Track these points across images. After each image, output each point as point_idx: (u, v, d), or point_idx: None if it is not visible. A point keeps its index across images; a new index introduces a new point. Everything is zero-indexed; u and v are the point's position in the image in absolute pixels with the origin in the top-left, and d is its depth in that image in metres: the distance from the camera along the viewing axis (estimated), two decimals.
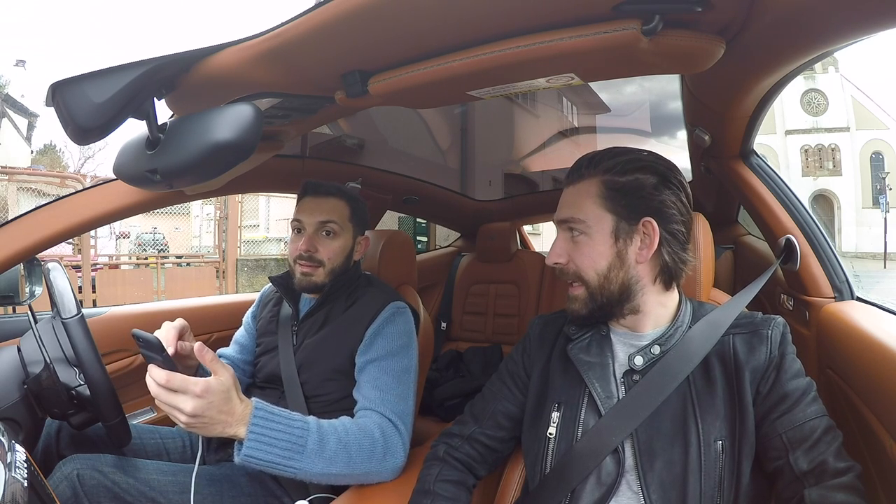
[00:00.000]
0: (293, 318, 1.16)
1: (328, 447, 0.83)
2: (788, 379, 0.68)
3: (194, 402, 0.72)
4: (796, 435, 0.65)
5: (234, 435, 0.77)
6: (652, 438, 0.69)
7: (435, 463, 0.84)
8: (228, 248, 7.07)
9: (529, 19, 0.58)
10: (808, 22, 0.58)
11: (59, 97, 0.63)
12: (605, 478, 0.70)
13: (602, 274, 0.73)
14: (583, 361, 0.76)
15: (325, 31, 0.61)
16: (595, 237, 0.73)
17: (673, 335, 0.74)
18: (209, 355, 0.74)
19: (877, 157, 25.63)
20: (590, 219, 0.73)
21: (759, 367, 0.68)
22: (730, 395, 0.69)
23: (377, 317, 1.07)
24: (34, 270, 1.12)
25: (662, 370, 0.70)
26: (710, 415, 0.68)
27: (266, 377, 1.16)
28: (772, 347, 0.69)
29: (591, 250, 0.73)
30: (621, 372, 0.74)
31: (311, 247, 1.08)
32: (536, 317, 0.91)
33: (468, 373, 2.05)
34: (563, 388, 0.78)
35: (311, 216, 1.11)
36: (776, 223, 1.12)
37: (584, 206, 0.74)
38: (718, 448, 0.67)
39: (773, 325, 0.72)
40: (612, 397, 0.73)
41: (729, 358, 0.71)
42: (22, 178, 6.76)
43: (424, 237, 5.40)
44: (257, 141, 0.66)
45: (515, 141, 2.65)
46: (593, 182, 0.74)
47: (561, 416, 0.76)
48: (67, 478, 0.84)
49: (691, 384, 0.70)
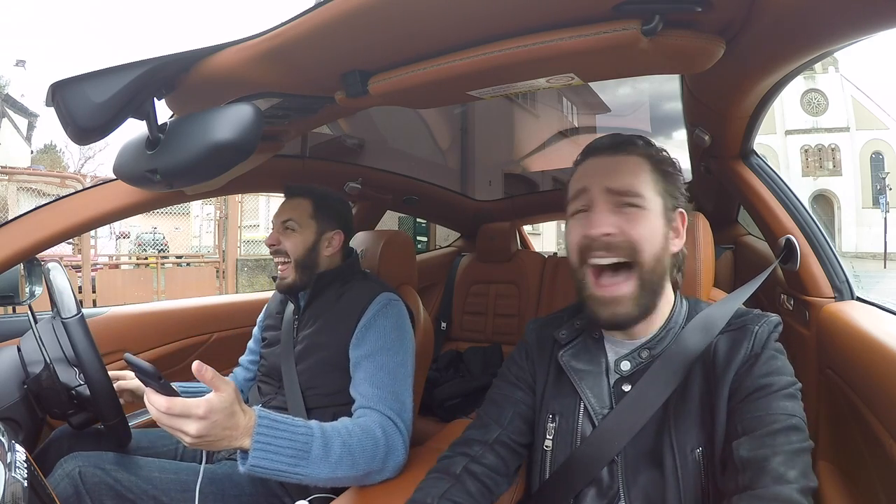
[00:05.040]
0: (295, 311, 1.19)
1: (333, 451, 0.83)
2: (764, 374, 0.61)
3: (198, 425, 0.70)
4: (752, 424, 0.57)
5: (239, 447, 0.76)
6: (637, 453, 0.65)
7: (445, 478, 0.71)
8: (228, 248, 7.07)
9: (529, 19, 0.58)
10: (808, 22, 0.58)
11: (59, 97, 0.63)
12: (605, 490, 0.67)
13: (656, 255, 0.66)
14: (574, 369, 0.72)
15: (325, 31, 0.61)
16: (651, 213, 0.67)
17: (664, 337, 0.69)
18: (209, 373, 0.71)
19: (877, 157, 25.63)
20: (648, 194, 0.68)
21: (739, 361, 0.63)
22: (708, 399, 0.64)
23: (367, 308, 1.07)
24: (34, 270, 1.12)
25: (652, 377, 0.66)
26: (686, 422, 0.64)
27: (267, 370, 1.19)
28: (755, 343, 0.64)
29: (647, 224, 0.66)
30: (613, 380, 0.70)
31: (274, 241, 1.17)
32: (530, 321, 0.86)
33: (468, 373, 2.06)
34: (558, 399, 0.73)
35: (278, 216, 1.20)
36: (776, 223, 1.12)
37: (641, 180, 0.68)
38: (696, 457, 0.62)
39: (763, 321, 0.66)
40: (605, 407, 0.69)
41: (709, 358, 0.65)
42: (22, 178, 6.76)
43: (424, 237, 5.40)
44: (257, 141, 0.66)
45: (515, 141, 2.65)
46: (644, 159, 0.70)
47: (556, 428, 0.72)
48: (69, 475, 0.84)
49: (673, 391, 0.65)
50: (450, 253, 2.59)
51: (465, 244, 2.63)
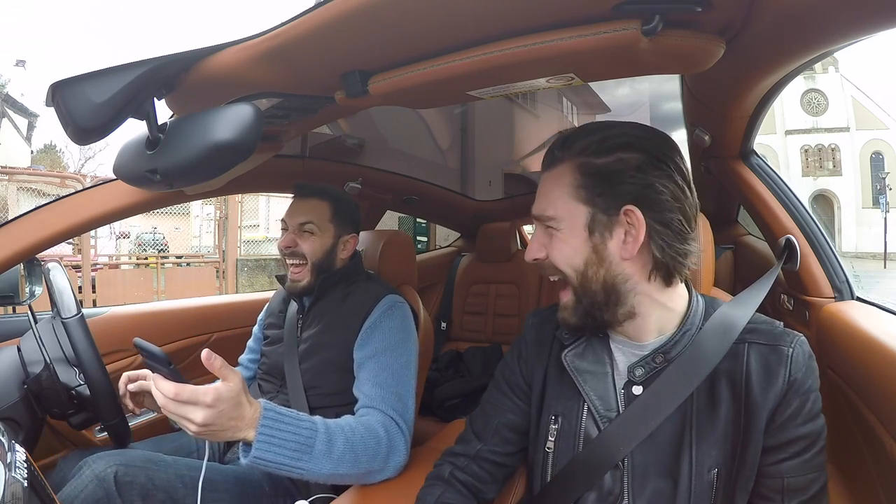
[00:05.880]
0: (299, 311, 1.19)
1: (336, 447, 0.83)
2: (809, 419, 0.60)
3: (205, 413, 0.70)
4: (798, 483, 0.61)
5: (243, 438, 0.76)
6: (647, 461, 0.63)
7: (438, 483, 0.76)
8: (228, 248, 7.07)
9: (529, 19, 0.58)
10: (808, 22, 0.58)
11: (59, 97, 0.63)
12: (606, 494, 0.66)
13: (580, 271, 0.64)
14: (578, 370, 0.70)
15: (325, 31, 0.61)
16: (566, 232, 0.64)
17: (680, 341, 0.65)
18: (217, 362, 0.72)
19: (877, 157, 25.62)
20: (560, 213, 0.64)
21: (778, 393, 0.60)
22: (735, 421, 0.61)
23: (373, 310, 1.08)
24: (34, 270, 1.12)
25: (666, 382, 0.63)
26: (708, 442, 0.62)
27: (269, 368, 1.19)
28: (793, 370, 0.60)
29: (564, 245, 0.65)
30: (622, 383, 0.67)
31: (290, 243, 1.13)
32: (531, 313, 0.83)
33: (468, 373, 2.06)
34: (560, 399, 0.71)
35: (293, 217, 1.16)
36: (776, 223, 1.12)
37: (554, 199, 0.65)
38: (712, 478, 0.61)
39: (795, 343, 0.62)
40: (611, 410, 0.66)
41: (740, 377, 0.62)
42: (22, 178, 6.77)
43: (424, 237, 5.40)
44: (257, 141, 0.66)
45: (515, 141, 2.65)
46: (566, 168, 0.65)
47: (559, 430, 0.70)
48: (98, 476, 0.83)
49: (693, 401, 0.63)
50: (450, 253, 2.59)
51: (465, 244, 2.63)
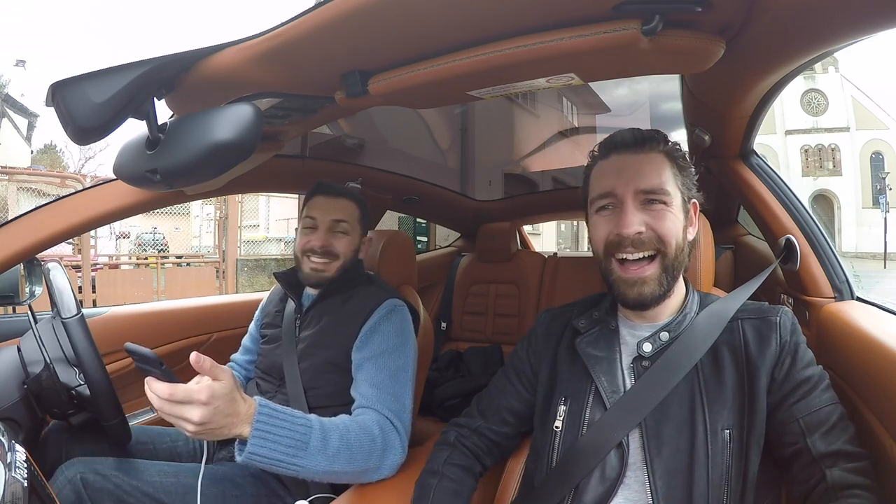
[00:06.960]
0: (297, 311, 1.18)
1: (330, 444, 0.84)
2: (804, 366, 0.69)
3: (201, 411, 0.70)
4: (813, 420, 0.66)
5: (238, 435, 0.76)
6: (660, 425, 0.70)
7: (445, 447, 0.87)
8: (228, 248, 7.07)
9: (529, 19, 0.58)
10: (808, 22, 0.58)
11: (59, 97, 0.63)
12: (609, 472, 0.70)
13: (678, 245, 0.73)
14: (590, 355, 0.78)
15: (325, 31, 0.61)
16: (675, 208, 0.74)
17: (681, 322, 0.75)
18: (207, 363, 0.72)
19: (877, 157, 25.64)
20: (672, 190, 0.74)
21: (773, 354, 0.69)
22: (739, 384, 0.70)
23: (373, 313, 1.08)
24: (34, 270, 1.12)
25: (671, 357, 0.72)
26: (718, 403, 0.69)
27: (267, 367, 1.18)
28: (782, 333, 0.71)
29: (674, 219, 0.73)
30: (629, 360, 0.75)
31: (326, 242, 1.13)
32: (544, 311, 0.92)
33: (468, 373, 2.05)
34: (570, 382, 0.79)
35: (326, 214, 1.15)
36: (776, 223, 1.12)
37: (667, 178, 0.74)
38: (726, 437, 0.67)
39: (780, 312, 0.73)
40: (617, 391, 0.74)
41: (739, 345, 0.71)
42: (22, 178, 6.76)
43: (424, 237, 5.40)
44: (257, 141, 0.66)
45: (515, 141, 2.65)
46: (663, 155, 0.75)
47: (567, 410, 0.77)
48: (70, 481, 0.84)
49: (699, 372, 0.71)
50: (450, 253, 2.59)
51: (465, 244, 2.63)
